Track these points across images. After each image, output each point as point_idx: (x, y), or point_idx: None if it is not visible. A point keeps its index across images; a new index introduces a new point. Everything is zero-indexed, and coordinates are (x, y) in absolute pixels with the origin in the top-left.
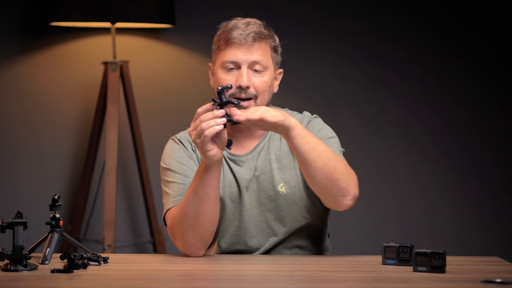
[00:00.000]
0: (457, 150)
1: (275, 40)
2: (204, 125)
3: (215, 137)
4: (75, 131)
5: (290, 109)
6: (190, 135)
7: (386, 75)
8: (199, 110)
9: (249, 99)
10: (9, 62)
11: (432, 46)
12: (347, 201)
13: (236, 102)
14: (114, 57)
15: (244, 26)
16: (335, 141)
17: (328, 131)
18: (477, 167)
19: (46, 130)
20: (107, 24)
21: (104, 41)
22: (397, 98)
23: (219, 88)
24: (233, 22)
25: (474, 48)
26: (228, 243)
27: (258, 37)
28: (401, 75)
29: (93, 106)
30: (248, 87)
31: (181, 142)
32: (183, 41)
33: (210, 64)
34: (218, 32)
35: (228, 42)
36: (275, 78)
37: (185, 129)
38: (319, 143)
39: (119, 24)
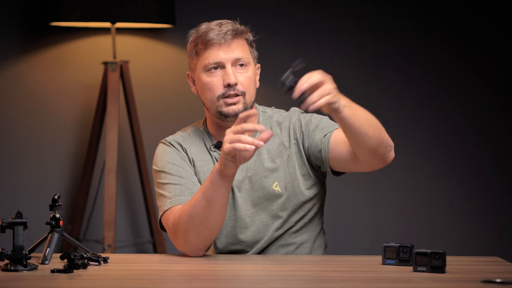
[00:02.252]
0: (457, 150)
1: (250, 35)
2: (243, 138)
3: (241, 153)
4: (75, 131)
5: (276, 107)
6: (226, 134)
7: (386, 75)
8: (241, 115)
9: (237, 95)
10: (9, 62)
11: (432, 46)
12: (392, 154)
13: None
14: (114, 57)
15: (218, 27)
16: (327, 119)
17: (318, 115)
18: (477, 167)
19: (46, 130)
20: (107, 24)
21: (104, 41)
22: (397, 98)
23: None
24: (203, 26)
25: (474, 48)
26: (224, 243)
27: (236, 34)
28: (401, 75)
29: (93, 106)
30: (236, 84)
31: (172, 144)
32: (183, 41)
33: (188, 72)
34: (191, 39)
35: (207, 44)
36: (255, 73)
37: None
38: (361, 109)
39: (119, 24)
